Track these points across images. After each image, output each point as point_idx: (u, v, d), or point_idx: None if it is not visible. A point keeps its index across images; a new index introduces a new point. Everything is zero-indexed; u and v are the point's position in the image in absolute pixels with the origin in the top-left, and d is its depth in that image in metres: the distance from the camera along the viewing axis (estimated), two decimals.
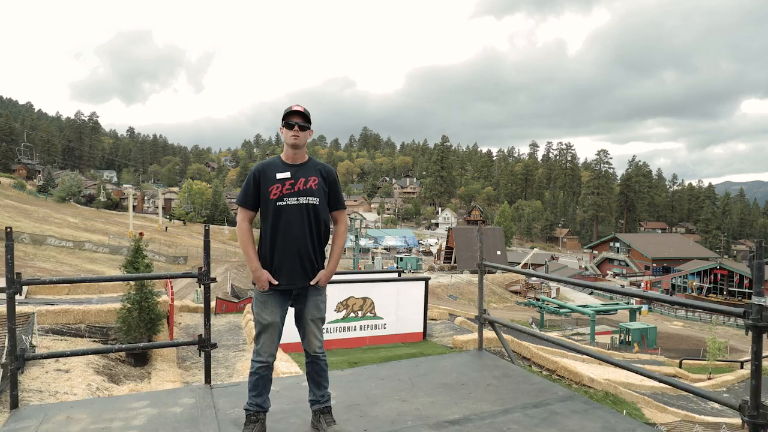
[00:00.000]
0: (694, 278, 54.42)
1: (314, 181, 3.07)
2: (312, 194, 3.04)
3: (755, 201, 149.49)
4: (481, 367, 4.24)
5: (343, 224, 3.25)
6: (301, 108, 3.04)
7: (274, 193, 3.00)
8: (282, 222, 3.00)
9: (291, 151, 3.06)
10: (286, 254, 3.00)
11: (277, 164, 3.11)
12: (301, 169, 3.08)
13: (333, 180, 3.19)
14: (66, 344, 7.85)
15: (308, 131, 3.09)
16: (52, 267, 21.64)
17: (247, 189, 3.08)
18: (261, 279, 2.98)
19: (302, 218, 3.00)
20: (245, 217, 3.08)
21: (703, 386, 21.20)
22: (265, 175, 3.05)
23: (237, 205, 3.12)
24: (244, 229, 3.06)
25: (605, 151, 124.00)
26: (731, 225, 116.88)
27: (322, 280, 3.10)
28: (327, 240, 3.17)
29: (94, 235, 42.40)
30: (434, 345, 11.48)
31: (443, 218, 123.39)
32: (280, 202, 2.98)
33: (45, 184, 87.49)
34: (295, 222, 2.99)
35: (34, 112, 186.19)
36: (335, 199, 3.19)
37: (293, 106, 3.04)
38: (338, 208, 3.22)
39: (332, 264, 3.14)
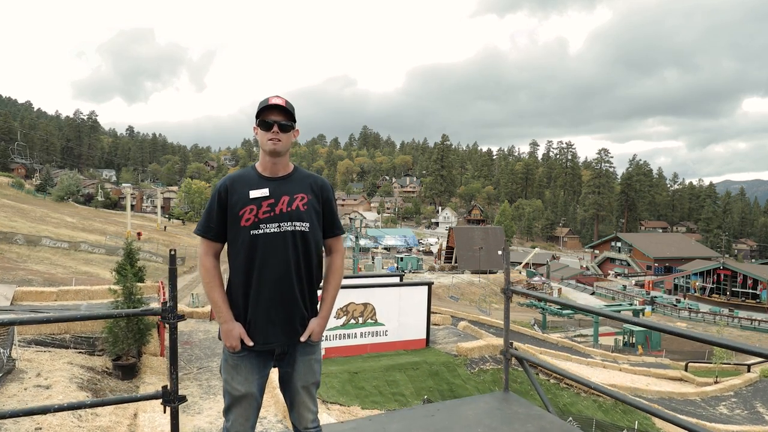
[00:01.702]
0: (697, 278, 54.00)
1: (302, 199, 2.35)
2: (299, 218, 2.32)
3: (756, 200, 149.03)
4: (511, 417, 3.60)
5: (339, 255, 2.54)
6: (282, 101, 2.35)
7: (246, 218, 2.27)
8: (258, 257, 2.26)
9: (269, 160, 2.36)
10: (265, 301, 2.27)
11: (250, 178, 2.36)
12: (284, 184, 2.37)
13: (327, 197, 2.47)
14: (50, 356, 7.41)
15: (292, 132, 2.38)
16: (45, 269, 21.18)
17: (210, 213, 2.36)
18: (231, 336, 2.26)
19: (286, 251, 2.28)
20: (209, 251, 2.36)
21: (710, 390, 20.82)
22: (234, 192, 2.31)
23: (196, 234, 2.36)
24: (208, 266, 2.33)
25: (606, 150, 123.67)
26: (732, 224, 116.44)
27: (315, 332, 2.39)
28: (320, 278, 2.49)
29: (92, 235, 41.96)
30: (437, 352, 11.05)
31: (443, 217, 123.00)
32: (256, 230, 2.27)
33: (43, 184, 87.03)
34: (276, 257, 2.27)
35: (33, 111, 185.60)
36: (330, 223, 2.48)
37: (271, 99, 2.35)
38: (334, 234, 2.51)
39: (326, 308, 2.46)
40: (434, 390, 9.34)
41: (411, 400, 8.98)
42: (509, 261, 3.63)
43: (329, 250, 2.55)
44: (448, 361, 10.38)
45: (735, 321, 41.40)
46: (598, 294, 53.63)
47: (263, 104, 2.35)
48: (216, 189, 2.39)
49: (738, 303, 48.58)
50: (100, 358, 7.73)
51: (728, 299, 50.12)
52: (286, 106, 2.36)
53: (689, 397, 19.86)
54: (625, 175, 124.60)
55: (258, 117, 2.35)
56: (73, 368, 7.17)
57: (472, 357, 10.53)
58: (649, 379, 21.76)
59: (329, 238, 2.51)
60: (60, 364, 7.24)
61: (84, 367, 7.33)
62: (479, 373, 10.22)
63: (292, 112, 2.37)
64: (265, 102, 2.37)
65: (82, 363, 7.44)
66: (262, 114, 2.33)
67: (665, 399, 18.44)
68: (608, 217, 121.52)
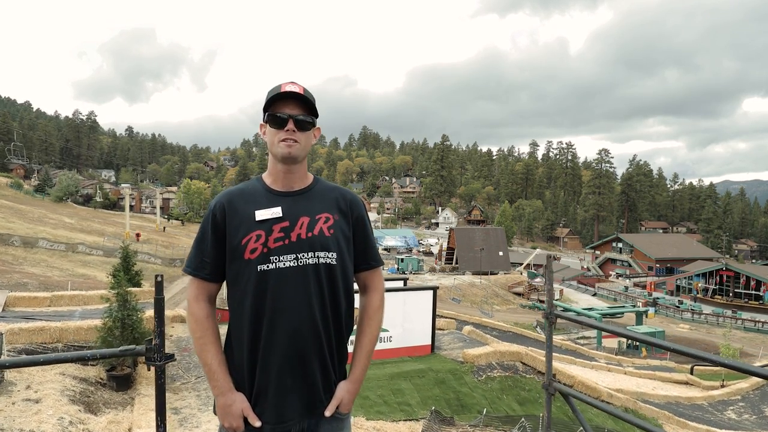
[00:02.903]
0: (700, 279, 53.71)
1: (327, 220, 1.79)
2: (324, 246, 1.75)
3: (756, 200, 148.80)
4: None
5: (378, 294, 1.92)
6: (299, 88, 1.79)
7: (252, 249, 1.71)
8: (269, 301, 1.70)
9: (282, 169, 1.80)
10: (278, 362, 1.70)
11: (256, 194, 1.81)
12: (303, 201, 1.80)
13: (360, 217, 1.89)
14: (40, 366, 7.08)
15: (312, 131, 1.83)
16: (41, 272, 20.85)
17: (202, 243, 1.79)
18: (230, 412, 1.70)
19: (307, 292, 1.71)
20: (201, 295, 1.78)
21: (716, 394, 20.53)
22: (235, 214, 1.76)
23: (185, 273, 1.82)
24: (200, 316, 1.75)
25: (606, 150, 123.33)
26: (732, 224, 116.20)
27: (345, 402, 1.80)
28: (351, 326, 1.88)
29: (90, 236, 41.63)
30: (443, 359, 10.74)
31: (443, 218, 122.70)
32: (265, 265, 1.70)
33: (42, 184, 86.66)
34: (293, 300, 1.70)
35: (32, 111, 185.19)
36: (364, 251, 1.90)
37: (284, 85, 1.78)
38: (370, 266, 1.92)
39: (359, 369, 1.85)
40: (441, 399, 9.03)
41: (417, 410, 8.66)
42: (552, 279, 3.24)
43: (364, 288, 1.94)
44: (454, 368, 10.07)
45: (738, 323, 41.10)
46: (600, 295, 53.34)
47: (274, 92, 1.77)
48: (209, 210, 1.79)
49: (741, 304, 48.28)
50: (93, 368, 7.41)
51: (731, 300, 49.83)
52: (304, 94, 1.77)
53: (696, 401, 19.56)
54: (625, 175, 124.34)
55: (267, 110, 1.78)
56: (65, 379, 6.86)
57: (479, 364, 10.23)
58: (654, 382, 21.46)
59: (364, 271, 1.91)
60: (51, 375, 6.91)
61: (77, 378, 7.01)
62: (486, 381, 9.91)
63: (312, 103, 1.79)
64: (276, 90, 1.77)
65: (75, 374, 7.12)
66: (273, 106, 1.77)
67: (672, 404, 18.13)
68: (608, 218, 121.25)
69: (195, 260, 1.79)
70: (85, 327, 7.60)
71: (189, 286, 1.82)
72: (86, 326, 7.63)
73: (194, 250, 1.81)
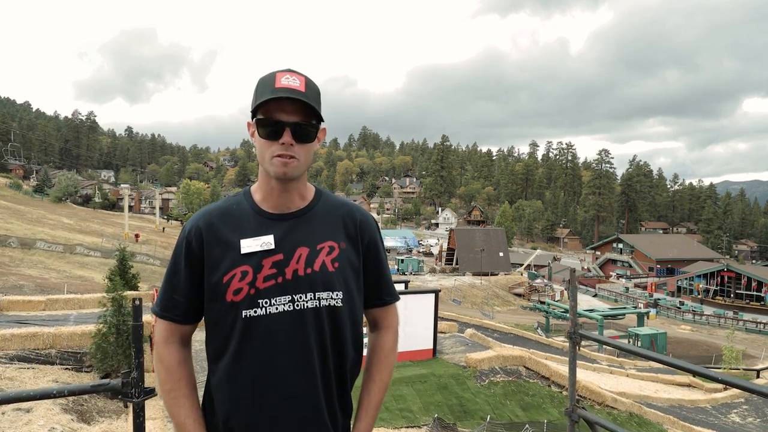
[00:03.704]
0: (701, 280, 53.54)
1: (330, 251, 1.44)
2: (327, 284, 1.41)
3: (756, 200, 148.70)
4: None
5: (391, 334, 1.59)
6: (299, 81, 1.38)
7: (236, 289, 1.37)
8: (258, 356, 1.37)
9: (276, 186, 1.43)
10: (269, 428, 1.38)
11: (242, 216, 1.45)
12: (301, 226, 1.44)
13: (372, 241, 1.53)
14: (33, 373, 6.91)
15: (316, 138, 1.45)
16: (38, 274, 20.64)
17: (174, 275, 1.44)
18: None
19: (306, 344, 1.38)
20: (171, 338, 1.46)
21: (720, 397, 20.36)
22: (215, 243, 1.41)
23: (153, 314, 1.48)
24: (170, 364, 1.44)
25: (606, 150, 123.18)
26: (732, 225, 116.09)
27: None
28: (356, 376, 1.54)
29: (89, 237, 41.43)
30: (445, 364, 10.56)
31: (443, 218, 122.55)
32: (252, 309, 1.37)
33: (41, 184, 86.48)
34: (288, 356, 1.37)
35: (31, 111, 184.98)
36: (376, 284, 1.55)
37: (279, 77, 1.37)
38: (384, 302, 1.58)
39: (366, 425, 1.52)
40: (443, 405, 8.85)
41: (419, 417, 8.49)
42: (576, 294, 3.04)
43: (374, 325, 1.60)
44: (456, 373, 9.89)
45: (740, 324, 40.92)
46: (601, 296, 53.18)
47: (265, 87, 1.37)
48: (183, 235, 1.44)
49: (742, 305, 48.10)
50: (87, 374, 7.23)
51: (732, 301, 49.64)
52: (305, 91, 1.36)
53: (699, 404, 19.40)
54: (625, 175, 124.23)
55: (256, 112, 1.38)
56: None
57: (481, 369, 10.05)
58: (657, 385, 21.30)
59: (377, 307, 1.57)
60: (44, 382, 6.73)
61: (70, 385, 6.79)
62: (489, 386, 9.73)
63: (316, 103, 1.39)
64: (268, 84, 1.37)
65: (69, 381, 6.94)
66: (264, 107, 1.36)
67: (676, 407, 17.97)
68: (609, 218, 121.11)
69: (164, 298, 1.45)
70: (79, 332, 7.42)
71: (156, 326, 1.47)
72: (80, 332, 7.44)
73: (164, 285, 1.46)
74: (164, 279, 1.48)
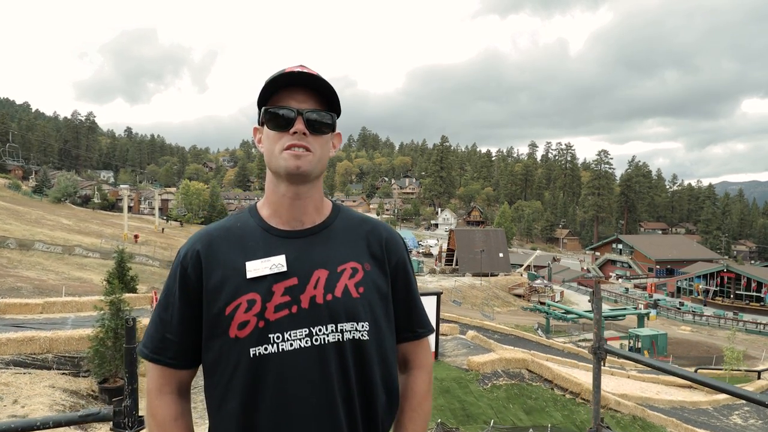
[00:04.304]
0: (701, 281, 53.50)
1: (353, 273, 1.23)
2: (352, 313, 1.19)
3: (754, 201, 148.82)
4: None
5: (425, 374, 1.35)
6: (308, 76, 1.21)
7: (242, 322, 1.16)
8: (268, 404, 1.15)
9: (288, 193, 1.23)
10: None
11: (248, 234, 1.24)
12: (318, 244, 1.24)
13: (401, 262, 1.32)
14: (29, 378, 6.80)
15: (332, 135, 1.28)
16: (36, 275, 20.50)
17: (165, 309, 1.23)
18: None
19: (327, 388, 1.15)
20: (166, 386, 1.23)
21: (722, 398, 20.28)
22: (216, 266, 1.20)
23: (142, 357, 1.28)
24: (164, 417, 1.21)
25: (606, 151, 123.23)
26: (731, 225, 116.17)
27: None
28: (388, 425, 1.30)
29: (87, 238, 41.30)
30: (447, 367, 10.46)
31: (443, 219, 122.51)
32: (263, 347, 1.15)
33: (40, 185, 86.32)
34: (306, 402, 1.15)
35: (31, 112, 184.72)
36: (407, 313, 1.33)
37: (291, 71, 1.23)
38: (415, 335, 1.34)
39: None
40: (446, 409, 8.75)
41: None
42: (600, 306, 2.89)
43: (405, 364, 1.35)
44: (459, 376, 9.79)
45: (740, 324, 40.87)
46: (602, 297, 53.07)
47: (275, 78, 1.21)
48: (177, 260, 1.24)
49: (742, 306, 48.07)
50: (85, 379, 7.12)
51: (732, 302, 49.60)
52: (317, 77, 1.21)
53: (701, 405, 19.32)
54: (624, 176, 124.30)
55: (263, 105, 1.23)
56: (55, 392, 6.56)
57: (484, 372, 9.95)
58: (658, 386, 21.23)
59: (406, 342, 1.33)
60: (40, 387, 6.63)
61: (67, 390, 6.72)
62: (492, 390, 9.64)
63: (332, 93, 1.22)
64: (278, 75, 1.21)
65: (66, 386, 6.83)
66: (273, 98, 1.22)
67: (677, 408, 17.89)
68: (608, 219, 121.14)
69: (155, 337, 1.22)
70: (76, 337, 7.31)
71: (148, 374, 1.24)
72: (77, 336, 7.33)
73: (155, 321, 1.23)
74: (154, 315, 1.25)
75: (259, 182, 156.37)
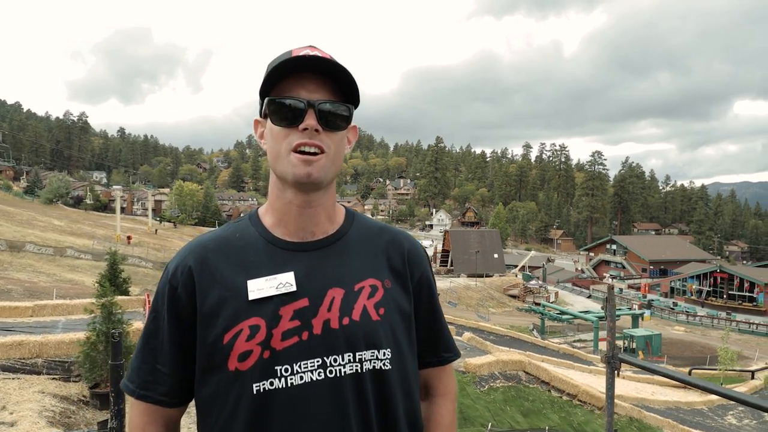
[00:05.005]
0: (694, 281, 53.81)
1: (373, 291, 1.04)
2: (372, 340, 1.01)
3: (746, 202, 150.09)
4: None
5: (450, 401, 1.19)
6: (325, 53, 1.02)
7: (244, 352, 0.96)
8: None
9: (296, 200, 1.04)
10: None
11: (249, 246, 1.05)
12: (332, 258, 1.05)
13: (424, 276, 1.15)
14: (18, 384, 6.66)
15: (348, 130, 1.09)
16: (27, 277, 20.24)
17: (153, 337, 1.04)
18: None
19: (345, 427, 0.97)
20: (150, 426, 1.04)
21: (716, 398, 20.35)
22: (212, 284, 1.01)
23: (128, 394, 1.06)
24: None
25: (599, 152, 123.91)
26: (723, 226, 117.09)
27: None
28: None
29: (80, 239, 40.93)
30: None
31: (437, 219, 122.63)
32: (268, 381, 0.96)
33: (31, 186, 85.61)
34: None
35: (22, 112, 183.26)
36: (432, 335, 1.16)
37: (298, 50, 1.02)
38: (442, 359, 1.18)
39: None
40: None
41: None
42: (614, 314, 2.79)
43: (426, 391, 1.18)
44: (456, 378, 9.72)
45: (733, 324, 41.12)
46: (595, 297, 53.22)
47: (281, 61, 0.99)
48: (165, 278, 1.04)
49: (735, 306, 48.39)
50: (76, 384, 6.98)
51: (725, 302, 49.91)
52: (332, 60, 1.00)
53: (696, 406, 19.39)
54: (618, 177, 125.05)
55: (266, 95, 1.02)
56: (45, 398, 6.43)
57: (481, 374, 9.88)
58: (653, 387, 21.27)
59: (430, 367, 1.16)
60: (29, 393, 6.48)
61: (57, 396, 6.58)
62: (489, 392, 9.57)
63: (350, 80, 1.02)
64: (284, 58, 1.00)
65: (56, 391, 6.69)
66: (279, 86, 1.01)
67: (672, 409, 17.93)
68: (602, 219, 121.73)
69: (143, 369, 1.03)
70: (67, 341, 7.17)
71: (131, 410, 1.06)
72: (68, 340, 7.20)
73: (141, 351, 1.04)
74: (139, 343, 1.05)
75: (253, 183, 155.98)
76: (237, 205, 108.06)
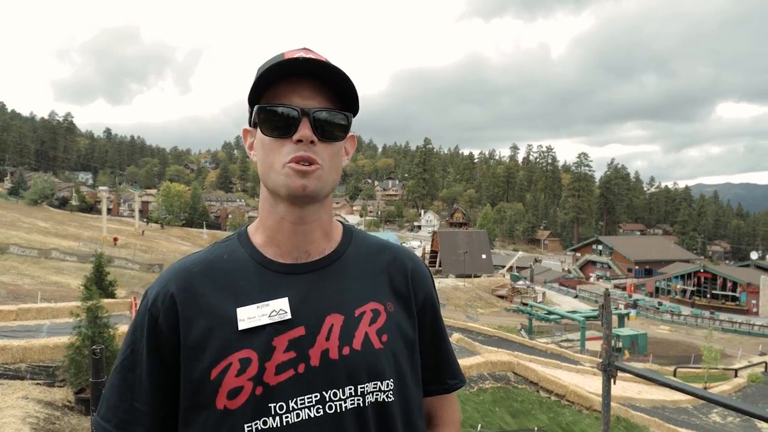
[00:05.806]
0: (678, 281, 54.57)
1: (374, 317, 0.94)
2: (375, 371, 0.90)
3: (728, 203, 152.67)
4: None
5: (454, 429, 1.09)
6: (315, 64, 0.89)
7: (234, 388, 0.85)
8: None
9: (289, 217, 0.93)
10: None
11: (239, 269, 0.93)
12: (330, 281, 0.94)
13: (429, 298, 1.05)
14: (1, 389, 6.56)
15: (346, 140, 0.97)
16: (11, 280, 19.90)
17: (131, 371, 0.90)
18: None
19: None
20: None
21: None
22: (197, 313, 0.89)
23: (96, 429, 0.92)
24: None
25: (585, 154, 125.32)
26: (707, 226, 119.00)
27: None
28: None
29: (65, 241, 40.37)
30: None
31: (426, 220, 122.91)
32: (261, 420, 0.85)
33: (16, 187, 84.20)
34: None
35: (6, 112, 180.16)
36: (437, 362, 1.06)
37: (290, 53, 0.91)
38: (447, 387, 1.07)
39: None
40: None
41: None
42: (610, 320, 2.66)
43: (429, 420, 1.08)
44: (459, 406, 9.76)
45: (716, 323, 41.79)
46: (582, 297, 53.74)
47: (272, 65, 0.90)
48: (145, 306, 0.92)
49: (718, 305, 49.16)
50: (61, 389, 6.89)
51: (709, 302, 50.69)
52: (328, 64, 0.91)
53: (681, 404, 19.66)
54: (603, 178, 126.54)
55: (256, 102, 0.92)
56: (29, 404, 6.33)
57: (470, 375, 9.93)
58: (639, 386, 21.50)
59: (435, 395, 1.06)
60: (13, 399, 6.38)
61: (42, 402, 6.48)
62: (478, 393, 9.62)
63: (348, 86, 0.92)
64: (275, 62, 0.90)
65: (40, 397, 6.60)
66: (269, 92, 0.91)
67: (659, 408, 18.18)
68: (588, 220, 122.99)
69: (120, 408, 0.89)
70: (51, 345, 7.07)
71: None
72: (53, 344, 7.09)
73: (116, 385, 0.90)
74: (114, 377, 0.91)
75: (241, 183, 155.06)
76: (225, 206, 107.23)
